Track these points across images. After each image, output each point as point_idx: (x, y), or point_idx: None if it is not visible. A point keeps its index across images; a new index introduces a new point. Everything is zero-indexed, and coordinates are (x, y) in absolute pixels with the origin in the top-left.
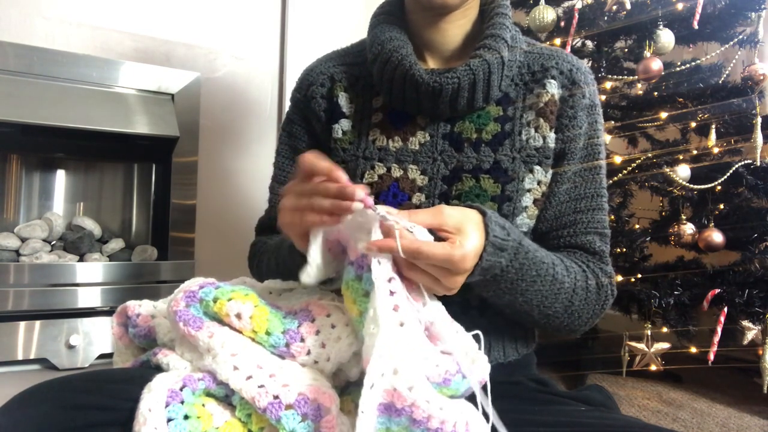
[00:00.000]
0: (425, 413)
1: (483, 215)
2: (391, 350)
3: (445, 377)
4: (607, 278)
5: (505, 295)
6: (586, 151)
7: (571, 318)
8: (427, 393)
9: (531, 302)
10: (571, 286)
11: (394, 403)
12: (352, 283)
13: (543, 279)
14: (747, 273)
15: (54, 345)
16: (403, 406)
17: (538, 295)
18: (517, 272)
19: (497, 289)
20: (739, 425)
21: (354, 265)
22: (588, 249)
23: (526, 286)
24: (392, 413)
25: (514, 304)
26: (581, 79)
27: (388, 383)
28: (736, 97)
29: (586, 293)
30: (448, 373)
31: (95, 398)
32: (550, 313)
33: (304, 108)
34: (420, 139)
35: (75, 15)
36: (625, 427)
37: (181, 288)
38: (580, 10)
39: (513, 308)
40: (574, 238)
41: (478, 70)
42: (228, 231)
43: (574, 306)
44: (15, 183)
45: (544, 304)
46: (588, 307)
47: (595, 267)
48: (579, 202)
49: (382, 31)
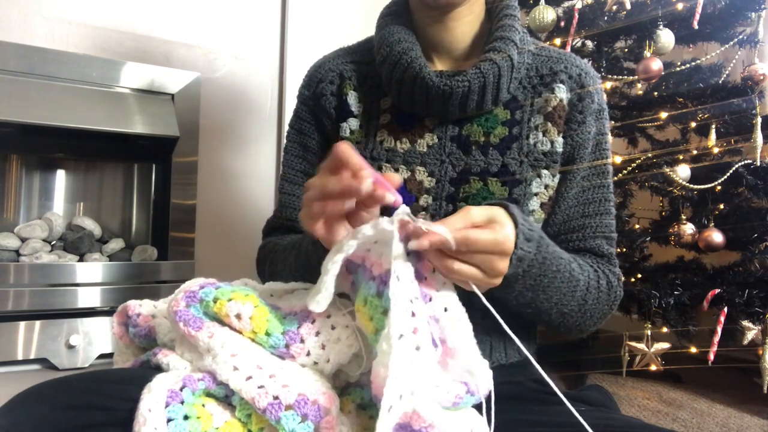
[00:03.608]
0: None
1: (506, 208)
2: (408, 372)
3: (455, 401)
4: (616, 279)
5: (528, 292)
6: (594, 155)
7: (583, 317)
8: (440, 414)
9: (551, 300)
10: (585, 284)
11: (411, 424)
12: (371, 299)
13: (562, 275)
14: (747, 273)
15: (54, 345)
16: (420, 427)
17: (557, 292)
18: (540, 266)
19: (523, 287)
20: (739, 425)
21: (376, 281)
22: (597, 252)
23: (548, 282)
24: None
25: (535, 302)
26: (590, 83)
27: (407, 405)
28: (736, 97)
29: (598, 292)
30: (458, 397)
31: (95, 398)
32: (566, 312)
33: (313, 105)
34: (428, 141)
35: (75, 15)
36: (625, 428)
37: (181, 288)
38: (580, 10)
39: (534, 308)
40: (582, 242)
41: (488, 73)
42: (228, 231)
43: (587, 305)
44: (15, 183)
45: (561, 302)
46: (599, 306)
47: (604, 268)
48: (587, 207)
49: (390, 33)
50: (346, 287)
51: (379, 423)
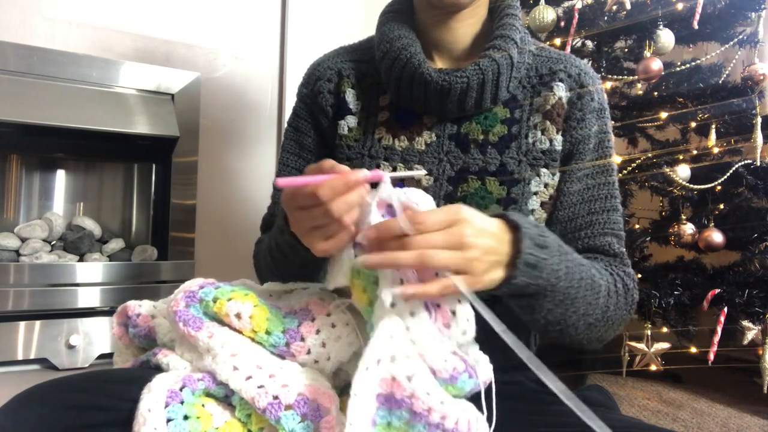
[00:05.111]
0: (425, 405)
1: (504, 217)
2: (392, 337)
3: (452, 374)
4: (631, 280)
5: (558, 308)
6: (597, 153)
7: (606, 325)
8: (427, 385)
9: (578, 311)
10: (606, 290)
11: (394, 394)
12: (362, 270)
13: (586, 283)
14: (747, 273)
15: (54, 345)
16: (403, 396)
17: (583, 302)
18: (567, 276)
19: (552, 303)
20: (739, 425)
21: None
22: (608, 251)
23: (575, 293)
24: (392, 405)
25: (564, 317)
26: (589, 83)
27: (385, 371)
28: (736, 97)
29: (617, 297)
30: (455, 371)
31: (95, 399)
32: (592, 322)
33: (311, 103)
34: (426, 139)
35: (75, 15)
36: (625, 428)
37: (181, 288)
38: (580, 10)
39: (563, 325)
40: (592, 240)
41: (487, 70)
42: (228, 231)
43: (609, 311)
44: (15, 183)
45: (587, 312)
46: (619, 312)
47: (618, 270)
48: (593, 204)
49: (390, 30)
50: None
51: (354, 382)
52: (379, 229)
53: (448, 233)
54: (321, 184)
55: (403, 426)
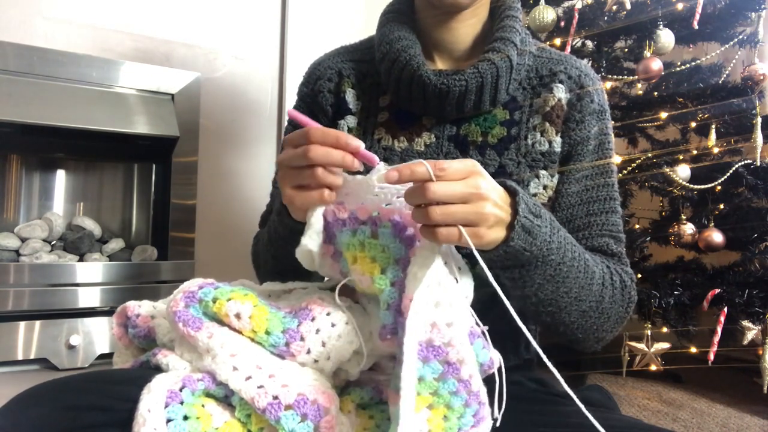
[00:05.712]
0: (459, 356)
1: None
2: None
3: (471, 331)
4: (629, 279)
5: (549, 284)
6: (597, 155)
7: (600, 318)
8: (463, 337)
9: (570, 293)
10: (600, 278)
11: (433, 340)
12: (369, 241)
13: (578, 263)
14: (747, 273)
15: (54, 345)
16: (441, 343)
17: (576, 284)
18: (558, 251)
19: (542, 278)
20: (739, 425)
21: (368, 224)
22: (605, 251)
23: (567, 271)
24: (429, 354)
25: (555, 297)
26: (589, 84)
27: (429, 315)
28: (736, 97)
29: (613, 289)
30: (473, 329)
31: (95, 399)
32: (585, 309)
33: (311, 102)
34: (425, 140)
35: (75, 15)
36: (625, 428)
37: (180, 288)
38: (580, 10)
39: (554, 306)
40: (589, 241)
41: (486, 73)
42: (228, 231)
43: (604, 302)
44: (15, 183)
45: (580, 297)
46: (615, 306)
47: (616, 266)
48: (591, 205)
49: (390, 30)
50: (335, 273)
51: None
52: (401, 171)
53: (465, 184)
54: (315, 128)
55: (433, 382)
